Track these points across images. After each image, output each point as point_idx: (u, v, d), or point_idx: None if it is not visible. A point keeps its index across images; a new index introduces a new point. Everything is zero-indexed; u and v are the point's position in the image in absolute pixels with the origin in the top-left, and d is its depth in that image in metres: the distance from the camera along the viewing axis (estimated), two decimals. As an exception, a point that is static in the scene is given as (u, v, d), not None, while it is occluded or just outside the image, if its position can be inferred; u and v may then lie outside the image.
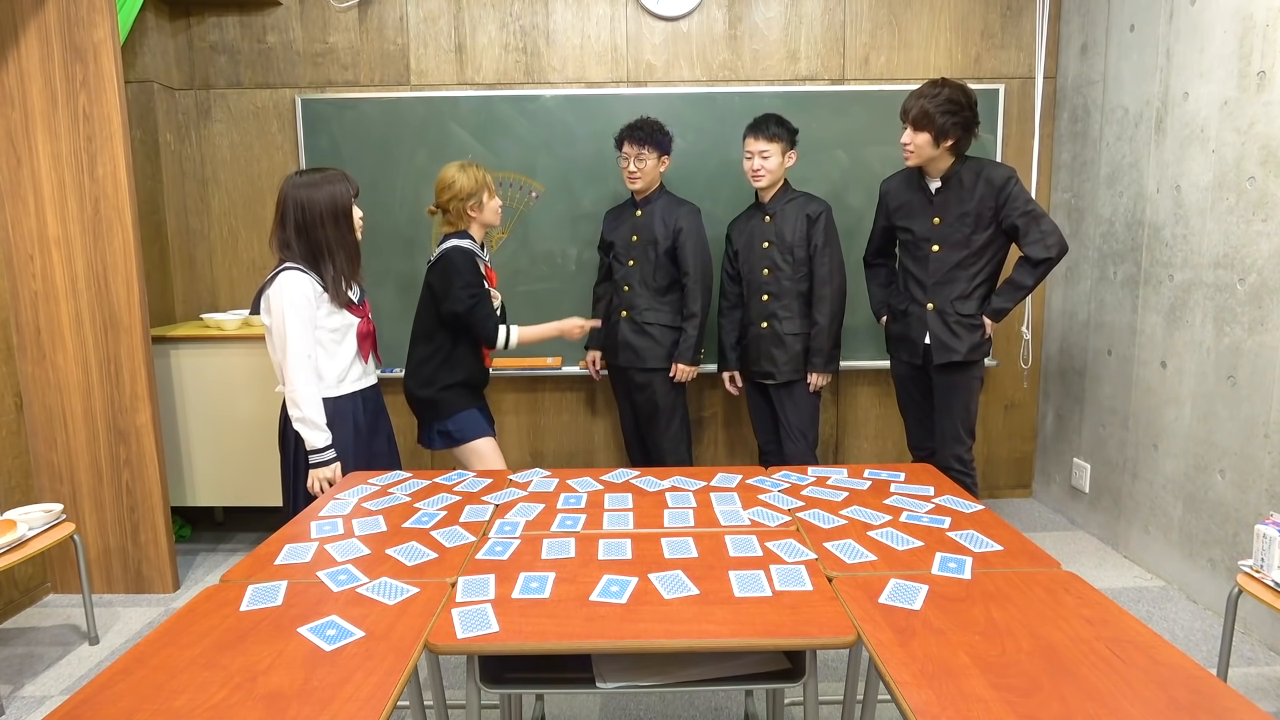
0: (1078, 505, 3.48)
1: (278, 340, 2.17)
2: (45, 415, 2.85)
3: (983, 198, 2.58)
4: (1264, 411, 2.44)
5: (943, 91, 2.51)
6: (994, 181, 2.57)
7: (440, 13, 3.45)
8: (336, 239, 2.22)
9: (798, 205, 2.89)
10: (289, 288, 2.14)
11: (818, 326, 2.88)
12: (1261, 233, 2.43)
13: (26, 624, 2.76)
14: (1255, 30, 2.44)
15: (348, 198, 2.24)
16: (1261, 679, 2.32)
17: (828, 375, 2.93)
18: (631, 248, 3.00)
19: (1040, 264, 2.56)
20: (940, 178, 2.64)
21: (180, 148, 3.52)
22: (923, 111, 2.52)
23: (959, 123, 2.52)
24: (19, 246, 2.77)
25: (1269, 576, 1.97)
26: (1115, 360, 3.19)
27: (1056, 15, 3.50)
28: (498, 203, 2.63)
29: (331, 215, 2.21)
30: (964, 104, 2.52)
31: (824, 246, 2.86)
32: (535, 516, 1.72)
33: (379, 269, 3.49)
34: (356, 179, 2.33)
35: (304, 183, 2.20)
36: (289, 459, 2.26)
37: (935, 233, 2.66)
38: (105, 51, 2.67)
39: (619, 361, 3.06)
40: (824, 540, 1.57)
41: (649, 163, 2.90)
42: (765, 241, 2.91)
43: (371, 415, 2.37)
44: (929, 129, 2.53)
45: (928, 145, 2.55)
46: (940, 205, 2.64)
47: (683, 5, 3.44)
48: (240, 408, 3.19)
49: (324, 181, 2.21)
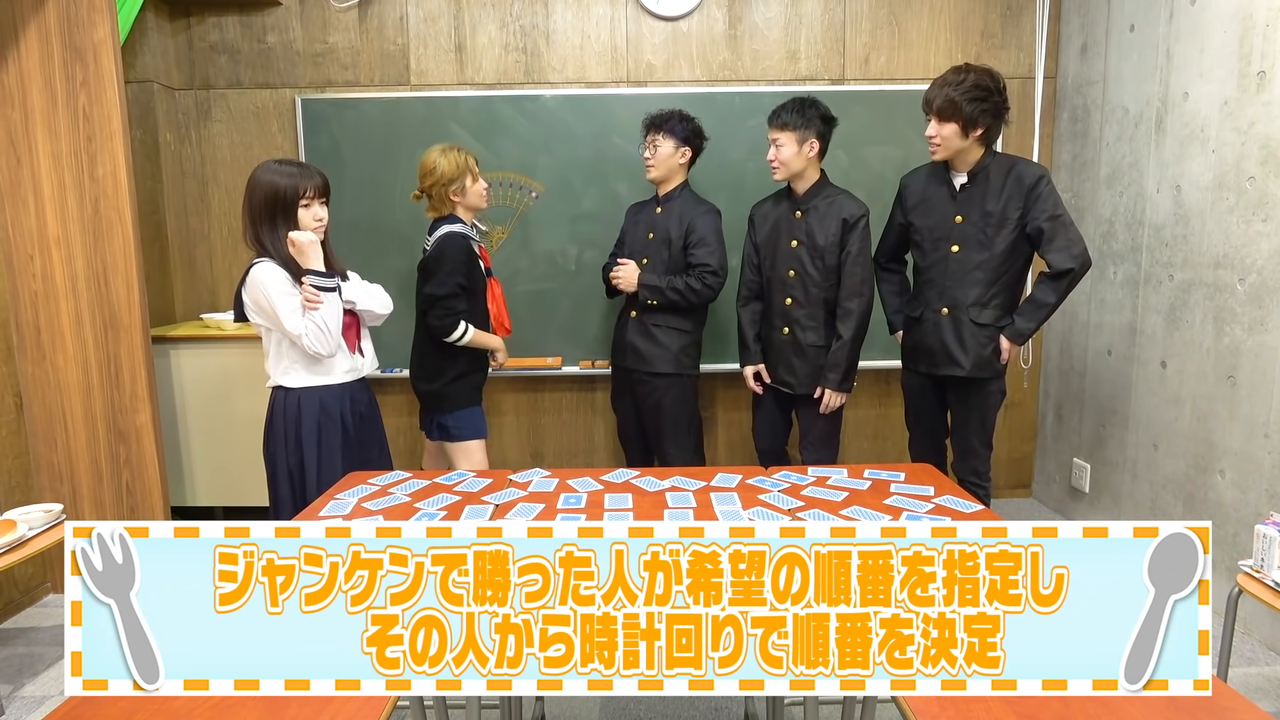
0: (1078, 505, 3.48)
1: (269, 318, 2.13)
2: (45, 415, 2.85)
3: (1010, 197, 2.40)
4: (1264, 411, 2.44)
5: (968, 77, 2.34)
6: (1024, 180, 2.39)
7: (440, 13, 3.45)
8: (270, 237, 2.14)
9: (835, 205, 2.65)
10: (261, 275, 2.11)
11: (840, 341, 2.67)
12: (1261, 233, 2.43)
13: (26, 624, 2.76)
14: (1255, 30, 2.44)
15: (291, 195, 2.12)
16: (1261, 679, 2.32)
17: (843, 395, 2.73)
18: (646, 245, 2.90)
19: (1062, 276, 2.38)
20: (967, 172, 2.47)
21: (180, 148, 3.52)
22: (948, 100, 2.35)
23: (988, 109, 2.36)
24: (19, 246, 2.77)
25: (1269, 576, 1.97)
26: (1115, 360, 3.19)
27: (1056, 15, 3.50)
28: (483, 185, 2.61)
29: (267, 209, 2.12)
30: (992, 89, 2.35)
31: (858, 255, 2.63)
32: (535, 516, 1.72)
33: (379, 269, 3.48)
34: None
35: (261, 168, 2.15)
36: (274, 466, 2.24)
37: (956, 231, 2.49)
38: (105, 51, 2.67)
39: (625, 363, 2.95)
40: (824, 540, 1.57)
41: (663, 150, 2.78)
42: (794, 240, 2.69)
43: (360, 420, 2.32)
44: (956, 119, 2.36)
45: (955, 136, 2.39)
46: (964, 201, 2.47)
47: (683, 5, 3.44)
48: (240, 408, 3.19)
49: (275, 172, 2.13)
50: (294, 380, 2.21)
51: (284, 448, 2.22)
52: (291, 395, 2.22)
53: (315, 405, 2.21)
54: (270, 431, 2.25)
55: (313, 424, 2.21)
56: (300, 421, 2.20)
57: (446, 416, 2.65)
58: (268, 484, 2.28)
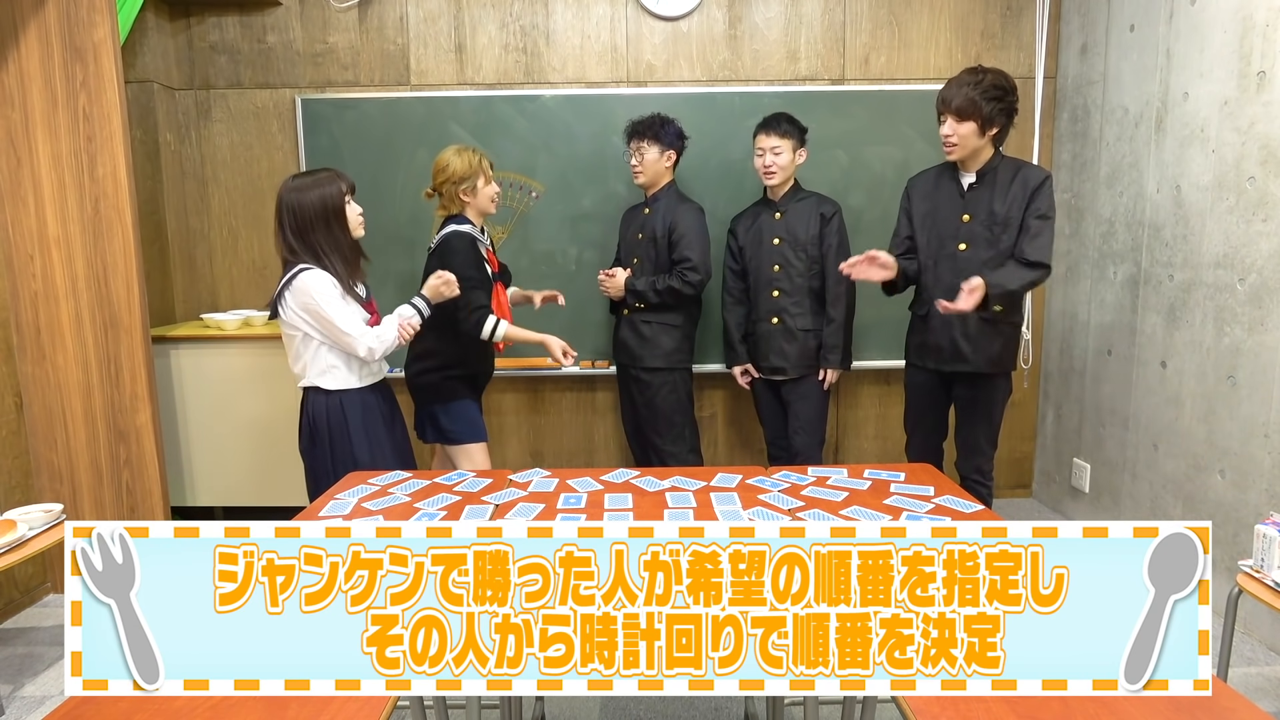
0: (1078, 505, 3.48)
1: (321, 322, 2.22)
2: (45, 415, 2.85)
3: (1015, 198, 2.46)
4: (1264, 411, 2.44)
5: (985, 77, 2.40)
6: (1030, 182, 2.45)
7: (440, 13, 3.45)
8: (329, 242, 2.25)
9: (810, 204, 2.89)
10: (312, 283, 2.19)
11: (833, 323, 2.87)
12: (1261, 233, 2.44)
13: (26, 624, 2.76)
14: (1255, 30, 2.44)
15: (339, 198, 2.25)
16: (1261, 679, 2.32)
17: (840, 370, 2.92)
18: (636, 246, 3.00)
19: (1033, 266, 2.43)
20: (976, 172, 2.51)
21: (180, 148, 3.52)
22: (968, 100, 2.39)
23: (1004, 109, 2.42)
24: (19, 246, 2.77)
25: (1269, 576, 1.97)
26: (1115, 360, 3.19)
27: (1056, 15, 3.50)
28: (493, 190, 2.63)
29: (323, 218, 2.23)
30: (1008, 89, 2.42)
31: (838, 247, 2.85)
32: (535, 516, 1.72)
33: (379, 269, 3.48)
34: (352, 176, 2.34)
35: (295, 186, 2.24)
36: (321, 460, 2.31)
37: (963, 230, 2.53)
38: (105, 51, 2.67)
39: (621, 360, 3.08)
40: (824, 540, 1.57)
41: (648, 156, 2.88)
42: (775, 238, 2.89)
43: (389, 411, 2.43)
44: (975, 117, 2.40)
45: (973, 135, 2.43)
46: (972, 201, 2.51)
47: (683, 5, 3.44)
48: (240, 408, 3.19)
49: (314, 185, 2.24)
50: (335, 382, 2.30)
51: (329, 449, 2.29)
52: (334, 397, 2.30)
53: (358, 404, 2.31)
54: (313, 435, 2.32)
55: (359, 422, 2.31)
56: (347, 421, 2.29)
57: (439, 412, 2.64)
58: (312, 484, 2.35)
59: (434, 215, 2.75)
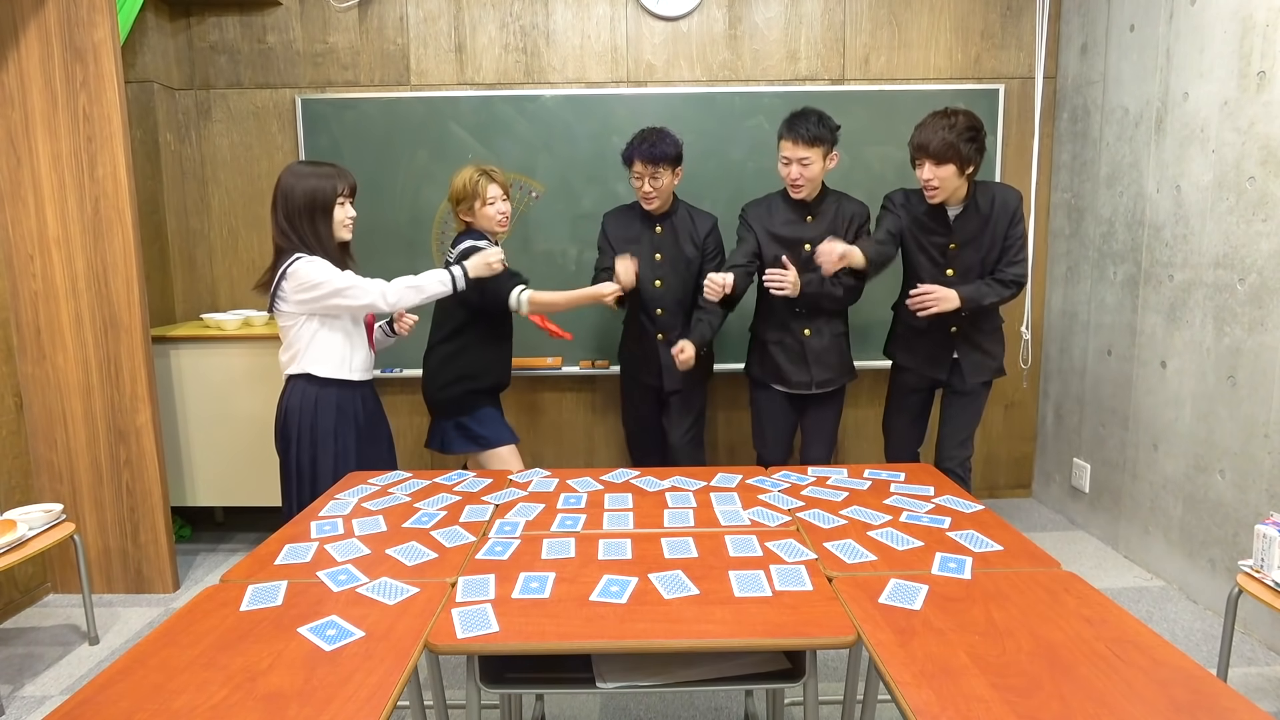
0: (1078, 505, 3.48)
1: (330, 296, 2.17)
2: (45, 415, 2.85)
3: (997, 221, 2.53)
4: (1264, 411, 2.44)
5: (959, 120, 2.40)
6: (1009, 204, 2.53)
7: (440, 13, 3.45)
8: (313, 236, 2.21)
9: (844, 207, 2.66)
10: (306, 266, 2.15)
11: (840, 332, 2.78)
12: (1261, 233, 2.43)
13: (26, 624, 2.76)
14: (1255, 30, 2.44)
15: (329, 196, 2.21)
16: (1261, 679, 2.32)
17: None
18: (656, 268, 2.77)
19: (1013, 284, 2.54)
20: (959, 204, 2.55)
21: (180, 148, 3.52)
22: (946, 144, 2.38)
23: (978, 147, 2.43)
24: (19, 246, 2.77)
25: (1269, 576, 1.97)
26: (1115, 360, 3.19)
27: (1056, 15, 3.50)
28: (495, 211, 2.54)
29: (308, 211, 2.20)
30: (978, 127, 2.43)
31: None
32: (535, 516, 1.72)
33: (379, 269, 3.46)
34: (355, 177, 2.32)
35: (294, 172, 2.21)
36: (289, 459, 2.26)
37: (951, 256, 2.59)
38: (105, 51, 2.67)
39: (662, 384, 2.85)
40: (824, 540, 1.57)
41: (665, 180, 2.65)
42: (807, 244, 2.63)
43: (370, 416, 2.36)
44: (954, 160, 2.40)
45: (953, 177, 2.43)
46: (959, 229, 2.56)
47: (683, 5, 3.44)
48: (240, 408, 3.19)
49: (311, 176, 2.20)
50: (326, 369, 2.24)
51: (295, 443, 2.24)
52: (310, 388, 2.23)
53: (332, 403, 2.25)
54: (285, 424, 2.26)
55: (329, 422, 2.25)
56: (317, 416, 2.24)
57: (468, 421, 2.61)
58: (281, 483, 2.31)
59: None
